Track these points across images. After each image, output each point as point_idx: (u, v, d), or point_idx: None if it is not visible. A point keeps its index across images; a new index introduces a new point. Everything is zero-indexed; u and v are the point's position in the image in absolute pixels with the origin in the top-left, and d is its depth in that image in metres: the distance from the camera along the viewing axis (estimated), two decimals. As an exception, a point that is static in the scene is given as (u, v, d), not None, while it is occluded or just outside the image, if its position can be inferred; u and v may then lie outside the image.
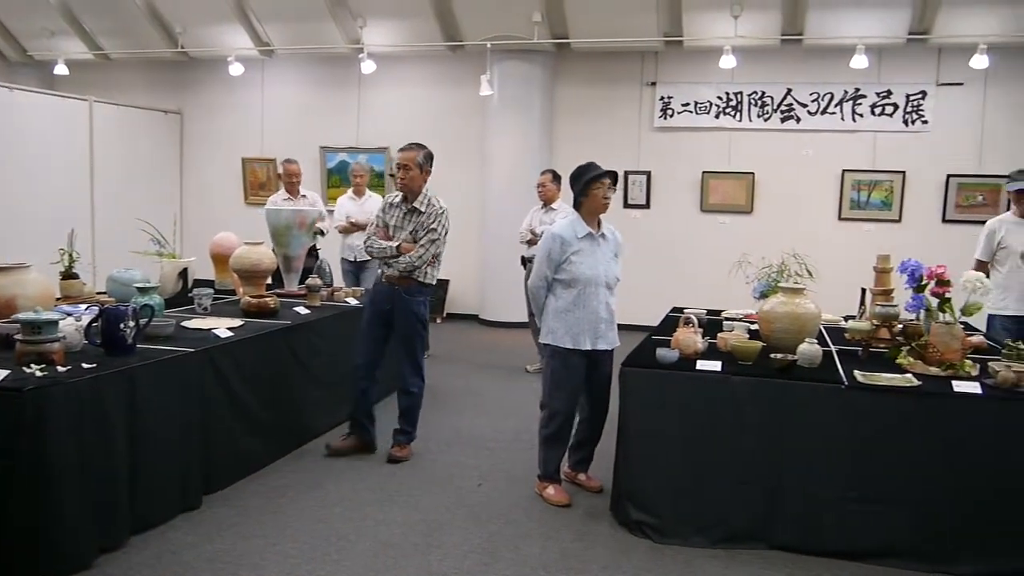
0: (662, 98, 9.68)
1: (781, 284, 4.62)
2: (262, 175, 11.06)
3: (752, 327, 4.80)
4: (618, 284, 4.55)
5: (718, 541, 3.91)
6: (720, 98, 9.50)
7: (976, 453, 3.62)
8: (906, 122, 9.06)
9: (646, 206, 9.86)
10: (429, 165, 4.99)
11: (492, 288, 9.99)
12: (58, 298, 4.85)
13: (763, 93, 9.39)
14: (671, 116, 9.69)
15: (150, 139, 10.96)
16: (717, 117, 9.54)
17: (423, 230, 4.93)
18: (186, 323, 4.87)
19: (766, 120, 9.42)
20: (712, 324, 5.09)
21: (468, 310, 10.40)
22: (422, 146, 5.00)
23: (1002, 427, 3.60)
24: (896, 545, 3.74)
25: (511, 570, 3.69)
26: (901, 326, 4.48)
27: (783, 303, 4.39)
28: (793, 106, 9.33)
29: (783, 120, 9.38)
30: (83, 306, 4.62)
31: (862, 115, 9.17)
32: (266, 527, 4.04)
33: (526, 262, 7.20)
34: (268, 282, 5.89)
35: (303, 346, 5.29)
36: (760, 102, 9.42)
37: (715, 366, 4.03)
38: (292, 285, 6.18)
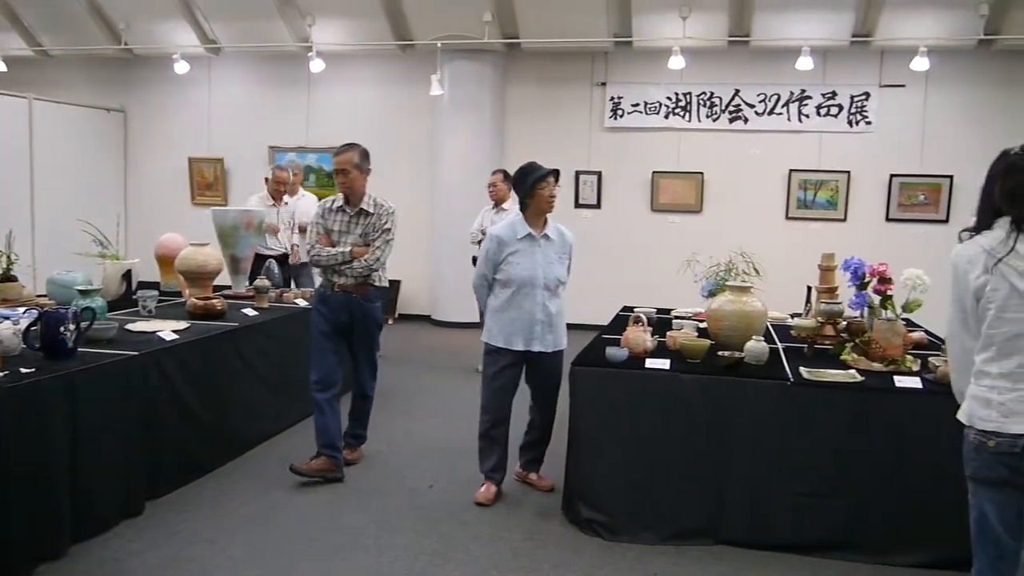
0: (612, 98, 9.74)
1: (729, 283, 4.67)
2: (209, 175, 10.88)
3: (701, 325, 4.85)
4: (562, 286, 4.52)
5: (668, 537, 3.94)
6: (669, 99, 9.59)
7: (917, 446, 3.71)
8: (850, 123, 9.24)
9: (597, 206, 9.91)
10: (367, 163, 4.77)
11: (444, 288, 9.96)
12: (-5, 301, 4.73)
13: (711, 94, 9.50)
14: (621, 116, 9.75)
15: (93, 138, 10.71)
16: (667, 117, 9.63)
17: (376, 231, 4.74)
18: (130, 326, 4.77)
19: (715, 120, 9.53)
20: (662, 323, 5.13)
21: (420, 311, 10.35)
22: (356, 145, 4.77)
23: (941, 421, 3.67)
24: (841, 538, 3.82)
25: (462, 570, 3.68)
26: (845, 323, 4.56)
27: (731, 301, 4.44)
28: (741, 107, 9.46)
29: (731, 121, 9.50)
30: (21, 309, 4.49)
31: (808, 116, 9.32)
32: (213, 532, 3.97)
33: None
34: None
35: (251, 348, 5.22)
36: (709, 103, 9.52)
37: (664, 364, 4.06)
38: (239, 287, 6.10)
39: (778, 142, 9.41)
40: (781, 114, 9.37)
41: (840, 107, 9.24)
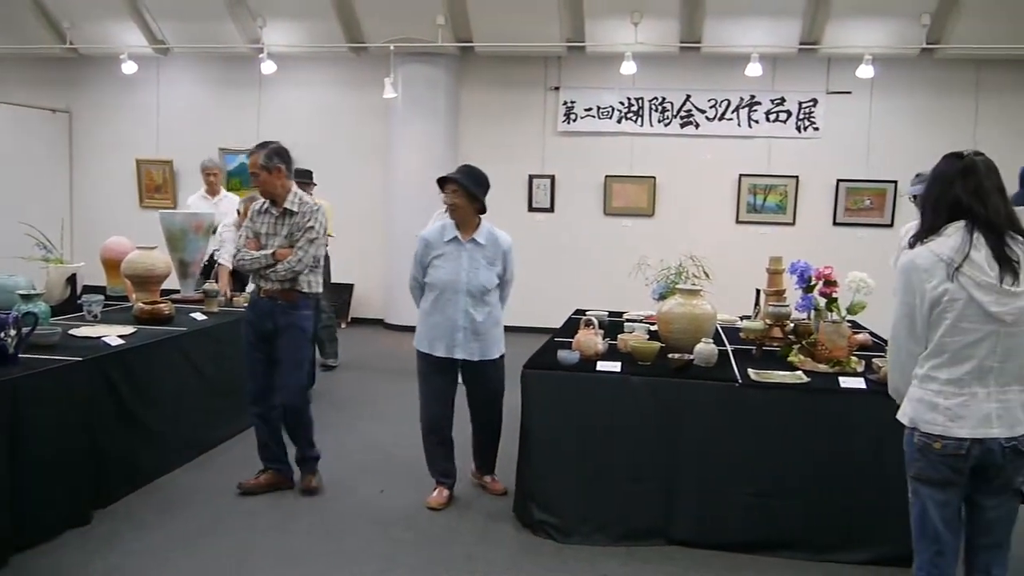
0: (565, 103, 9.79)
1: (679, 286, 4.72)
2: (158, 177, 10.69)
3: (652, 328, 4.90)
4: (490, 293, 4.38)
5: (619, 538, 3.97)
6: (622, 103, 9.66)
7: (861, 445, 3.78)
8: (799, 128, 9.40)
9: (550, 210, 9.94)
10: (278, 161, 4.40)
11: (397, 292, 9.85)
12: (-67, 306, 4.59)
13: (663, 99, 9.59)
14: (574, 120, 9.80)
15: (36, 139, 10.45)
16: (619, 122, 9.70)
17: (299, 231, 4.46)
18: (74, 331, 4.68)
19: (666, 125, 9.62)
20: (614, 326, 5.16)
21: (373, 314, 10.27)
22: (265, 144, 4.46)
23: (884, 421, 3.76)
24: (789, 536, 3.89)
25: (414, 574, 3.67)
26: (792, 325, 4.64)
27: (681, 304, 4.49)
28: (692, 112, 9.56)
29: (683, 126, 9.59)
30: (-40, 314, 4.39)
31: (757, 121, 9.46)
32: (161, 541, 3.91)
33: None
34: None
35: (200, 353, 5.14)
36: (661, 107, 9.61)
37: (615, 367, 4.10)
38: (188, 291, 6.01)
39: (728, 147, 9.53)
40: (731, 119, 9.50)
41: (788, 113, 9.39)
